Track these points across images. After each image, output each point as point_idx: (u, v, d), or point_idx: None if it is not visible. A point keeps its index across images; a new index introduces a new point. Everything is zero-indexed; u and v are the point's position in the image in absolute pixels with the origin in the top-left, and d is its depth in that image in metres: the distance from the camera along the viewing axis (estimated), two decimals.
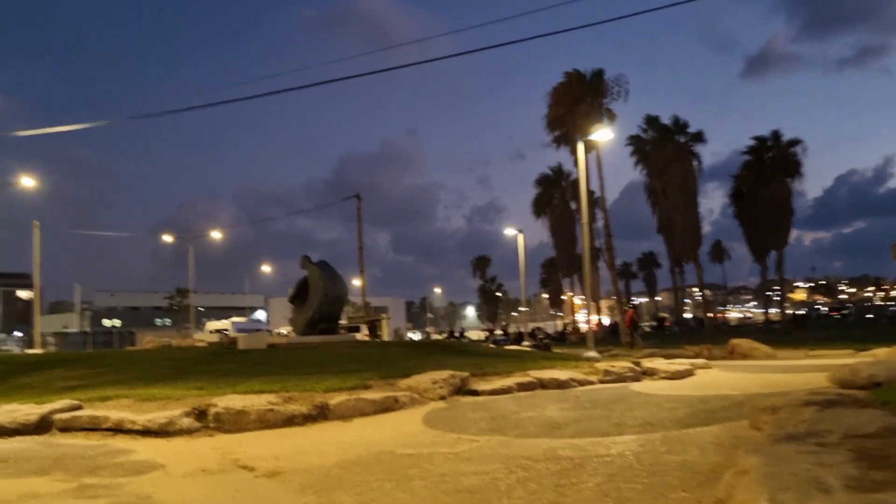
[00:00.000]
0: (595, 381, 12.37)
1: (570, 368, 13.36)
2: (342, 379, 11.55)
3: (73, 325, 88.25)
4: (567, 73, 38.03)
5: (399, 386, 11.29)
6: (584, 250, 16.65)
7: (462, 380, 11.57)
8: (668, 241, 51.43)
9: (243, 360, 15.41)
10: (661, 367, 13.10)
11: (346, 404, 9.69)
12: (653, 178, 48.63)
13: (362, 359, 15.49)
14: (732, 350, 20.89)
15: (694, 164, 40.70)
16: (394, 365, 14.02)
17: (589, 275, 16.74)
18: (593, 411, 8.88)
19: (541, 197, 53.63)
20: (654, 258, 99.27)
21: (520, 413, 9.05)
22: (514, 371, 12.85)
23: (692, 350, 22.95)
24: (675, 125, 40.81)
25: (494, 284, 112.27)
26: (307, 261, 21.37)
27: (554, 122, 40.32)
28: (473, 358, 16.01)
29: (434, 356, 16.45)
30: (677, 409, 8.58)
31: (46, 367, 15.70)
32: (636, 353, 24.74)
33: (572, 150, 41.64)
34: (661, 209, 49.35)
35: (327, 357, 15.86)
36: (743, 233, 51.08)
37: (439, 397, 10.79)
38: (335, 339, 20.63)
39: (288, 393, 10.22)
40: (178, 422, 8.78)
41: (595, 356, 15.40)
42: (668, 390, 10.81)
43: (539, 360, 15.42)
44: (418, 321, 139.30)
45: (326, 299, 20.49)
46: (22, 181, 43.04)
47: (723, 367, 15.24)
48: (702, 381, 12.40)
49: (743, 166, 47.30)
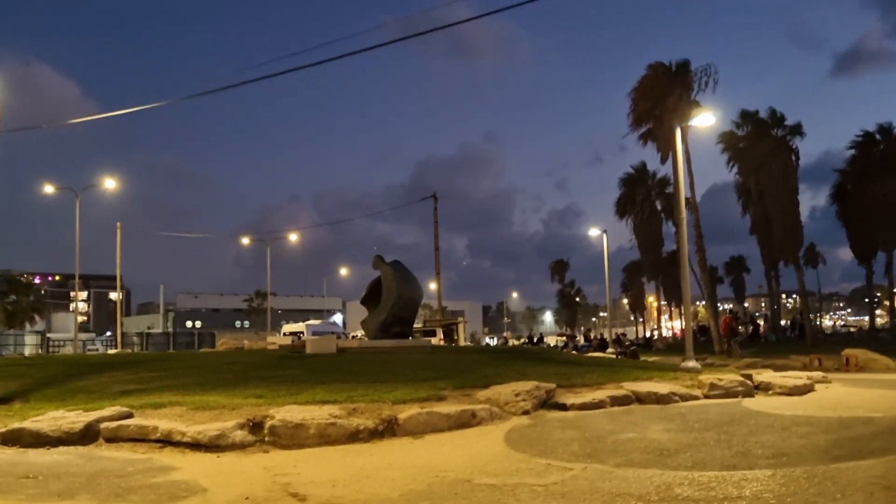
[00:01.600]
0: (699, 395, 10.98)
1: (669, 380, 11.97)
2: (414, 388, 10.55)
3: (157, 326, 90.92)
4: (651, 65, 36.12)
5: (477, 398, 10.20)
6: (681, 246, 15.21)
7: (548, 392, 10.39)
8: (762, 243, 48.71)
9: (309, 365, 14.61)
10: (775, 382, 11.57)
11: (418, 419, 8.65)
12: (746, 175, 46.10)
13: (437, 366, 14.48)
14: (847, 361, 18.95)
15: (792, 159, 38.16)
16: (470, 373, 12.96)
17: (686, 274, 15.26)
18: (706, 434, 7.57)
19: (624, 197, 51.66)
20: (743, 262, 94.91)
21: (618, 434, 7.82)
22: (606, 382, 11.57)
23: (799, 360, 21.07)
24: (773, 118, 38.34)
25: (573, 289, 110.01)
26: (380, 261, 20.54)
27: (639, 118, 38.44)
28: (557, 366, 14.78)
29: (514, 364, 15.31)
30: (813, 436, 7.18)
31: (111, 368, 15.30)
32: (733, 361, 22.96)
33: (658, 148, 39.75)
34: (756, 209, 46.76)
35: (399, 363, 14.91)
36: (846, 234, 47.94)
37: (522, 412, 9.64)
38: (408, 343, 19.72)
39: (353, 404, 9.26)
40: (231, 435, 7.93)
41: (695, 366, 13.94)
42: (791, 409, 9.35)
43: (631, 369, 14.06)
44: (495, 326, 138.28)
45: (400, 301, 19.60)
46: (105, 183, 44.22)
47: (844, 382, 13.53)
48: (827, 398, 10.83)
49: (848, 162, 44.34)
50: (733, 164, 46.52)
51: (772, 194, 38.50)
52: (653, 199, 51.68)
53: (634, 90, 36.81)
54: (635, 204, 50.62)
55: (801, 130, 38.06)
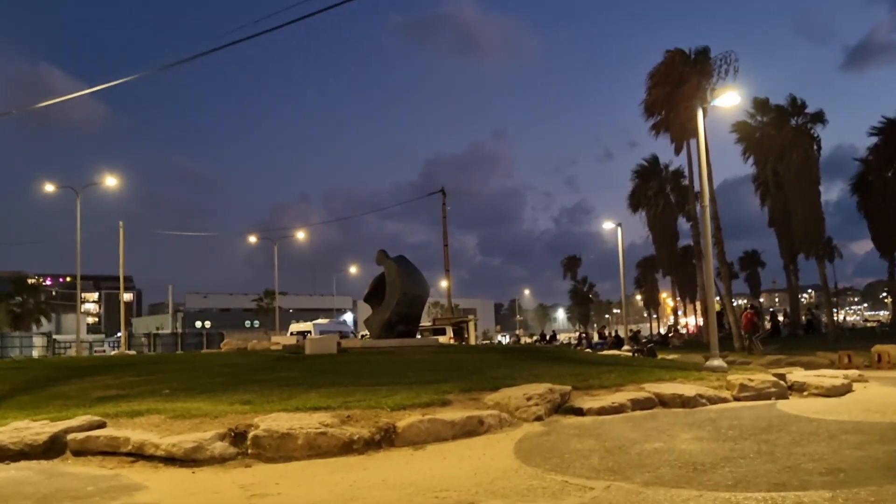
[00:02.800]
0: (729, 397, 10.11)
1: (694, 381, 11.11)
2: (416, 392, 9.74)
3: (167, 327, 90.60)
4: (668, 51, 35.05)
5: (485, 402, 9.38)
6: (705, 234, 14.30)
7: (562, 395, 9.56)
8: (780, 236, 47.53)
9: (307, 367, 13.82)
10: (810, 382, 10.67)
11: (418, 427, 7.85)
12: (763, 166, 44.94)
13: (443, 366, 13.67)
14: (879, 358, 18.00)
15: (814, 148, 36.97)
16: (479, 374, 12.14)
17: (710, 265, 14.37)
18: (744, 444, 6.71)
19: (637, 190, 50.47)
20: (758, 257, 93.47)
21: (643, 444, 6.98)
22: (625, 384, 10.72)
23: (826, 357, 20.13)
24: (793, 106, 37.14)
25: (586, 285, 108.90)
26: (384, 256, 19.68)
27: (653, 106, 37.42)
28: (572, 366, 13.93)
29: (526, 364, 14.47)
30: (868, 446, 6.31)
31: (99, 372, 14.55)
32: (756, 359, 22.03)
33: (673, 138, 38.72)
34: (774, 201, 45.57)
35: (403, 364, 14.10)
36: (868, 226, 46.60)
37: (534, 417, 8.82)
38: (414, 342, 18.89)
39: (347, 411, 8.45)
40: (209, 447, 7.15)
41: (721, 365, 13.04)
42: (834, 413, 8.46)
43: (651, 369, 13.19)
44: (507, 324, 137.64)
45: (405, 298, 18.74)
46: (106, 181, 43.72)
47: (882, 381, 12.62)
48: (870, 399, 9.94)
49: (870, 150, 43.02)
50: (749, 154, 45.34)
51: (792, 185, 37.33)
52: (667, 192, 50.49)
53: (650, 76, 35.82)
54: (648, 197, 49.41)
55: (824, 118, 36.86)
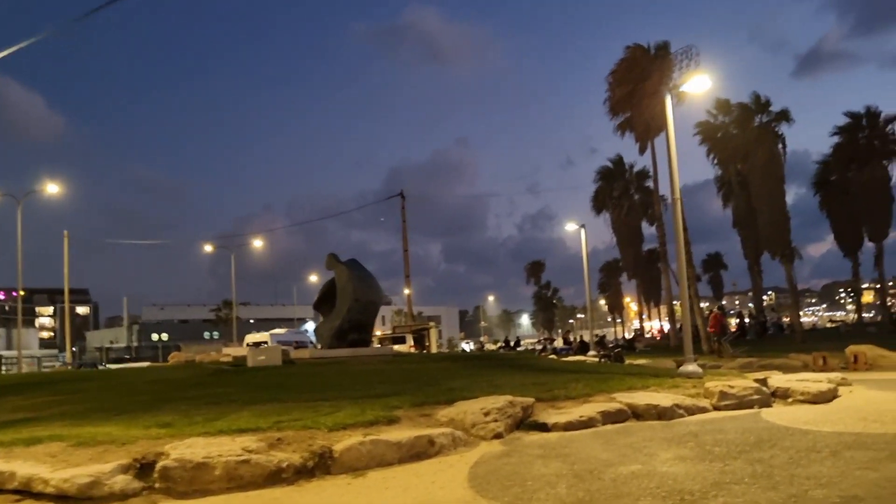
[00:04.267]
0: (708, 407, 9.24)
1: (669, 389, 10.24)
2: (361, 408, 8.71)
3: (122, 340, 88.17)
4: (629, 47, 34.67)
5: (437, 418, 8.39)
6: (676, 227, 13.51)
7: (524, 408, 8.60)
8: (744, 237, 47.49)
9: (247, 381, 12.69)
10: (794, 387, 9.87)
11: (359, 450, 6.83)
12: (727, 167, 44.84)
13: (396, 377, 12.65)
14: (855, 359, 17.43)
15: (779, 146, 36.76)
16: (434, 386, 11.15)
17: (682, 261, 13.59)
18: (735, 465, 5.81)
19: (601, 191, 50.02)
20: (721, 259, 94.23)
21: (617, 466, 6.04)
22: (594, 394, 9.81)
23: (799, 359, 19.59)
24: (756, 104, 36.90)
25: (550, 290, 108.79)
26: (334, 260, 18.53)
27: (617, 105, 37.01)
28: (535, 374, 13.01)
29: (486, 373, 13.52)
30: (879, 465, 5.45)
31: (12, 392, 13.24)
32: (726, 362, 21.45)
33: (637, 137, 38.38)
34: (738, 201, 45.50)
35: (352, 376, 13.06)
36: (831, 225, 46.83)
37: (493, 435, 7.85)
38: (368, 352, 17.78)
39: (279, 432, 7.38)
40: (108, 482, 6.03)
41: (696, 371, 12.23)
42: (828, 424, 7.63)
43: (621, 376, 12.31)
44: (472, 331, 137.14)
45: (357, 305, 17.64)
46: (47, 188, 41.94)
47: (866, 384, 11.91)
48: (860, 406, 9.15)
49: (833, 150, 43.13)
50: (713, 154, 45.21)
51: (757, 184, 37.08)
52: (631, 194, 50.19)
53: (612, 73, 35.39)
54: (613, 199, 49.02)
55: (789, 116, 36.68)
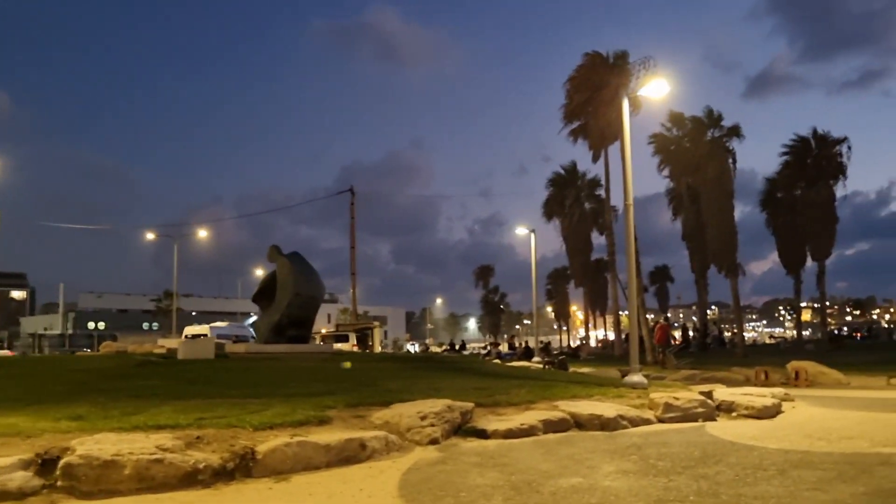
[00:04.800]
0: (652, 419, 9.02)
1: (613, 399, 10.01)
2: (292, 407, 8.26)
3: (57, 327, 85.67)
4: (587, 54, 34.80)
5: (372, 420, 7.98)
6: (628, 233, 13.30)
7: (463, 413, 8.25)
8: (692, 250, 48.12)
9: (175, 374, 12.06)
10: (739, 401, 9.73)
11: (284, 452, 6.38)
12: (679, 179, 45.36)
13: (332, 377, 12.20)
14: (797, 375, 17.54)
15: (729, 161, 37.29)
16: (371, 387, 10.74)
17: (633, 267, 13.43)
18: (679, 480, 5.54)
19: (553, 198, 50.18)
20: (667, 271, 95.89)
21: (557, 479, 5.72)
22: (537, 401, 9.51)
23: (741, 373, 19.70)
24: (709, 118, 37.41)
25: (497, 295, 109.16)
26: (276, 252, 17.93)
27: (573, 111, 37.08)
28: (478, 379, 12.70)
29: (427, 375, 13.15)
30: (829, 485, 5.23)
31: None
32: (669, 373, 21.48)
33: (591, 145, 38.52)
34: (688, 214, 46.07)
35: (287, 372, 12.56)
36: (776, 243, 47.75)
37: (429, 440, 7.48)
38: (307, 349, 17.24)
39: (200, 430, 6.89)
40: (4, 478, 5.49)
41: (641, 381, 12.04)
42: (773, 440, 7.45)
43: (565, 384, 12.07)
44: (418, 332, 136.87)
45: (297, 299, 17.08)
46: None
47: (808, 400, 11.88)
48: (805, 423, 9.03)
49: (781, 168, 43.99)
50: (665, 166, 45.71)
51: (707, 198, 37.58)
52: (582, 202, 50.47)
53: (570, 80, 35.40)
54: (564, 206, 49.20)
55: (740, 132, 37.30)
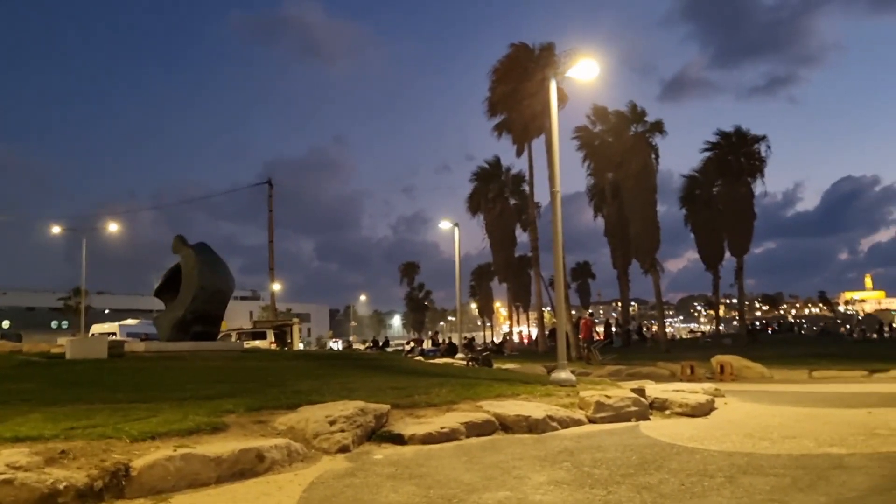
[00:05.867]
0: (583, 419, 8.41)
1: (541, 397, 9.38)
2: (184, 412, 7.31)
3: None
4: (513, 44, 34.25)
5: (275, 426, 7.11)
6: (555, 226, 12.71)
7: (378, 417, 7.46)
8: (614, 246, 48.44)
9: (57, 376, 10.84)
10: (673, 398, 9.24)
11: (165, 468, 5.47)
12: (602, 175, 45.58)
13: (238, 377, 11.21)
14: (722, 369, 17.41)
15: (652, 157, 37.50)
16: (280, 387, 9.83)
17: (560, 258, 12.85)
18: (618, 492, 4.89)
19: (477, 192, 49.68)
20: (589, 268, 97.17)
21: (482, 493, 5.01)
22: (459, 401, 8.79)
23: (667, 368, 19.50)
24: (633, 113, 37.52)
25: (422, 292, 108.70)
26: (181, 243, 16.66)
27: (497, 104, 36.55)
28: (397, 377, 11.92)
29: (343, 374, 12.30)
30: (784, 494, 4.66)
31: None
32: (595, 369, 21.17)
33: (515, 139, 38.18)
34: (610, 210, 46.33)
35: (187, 373, 11.49)
36: (696, 239, 48.56)
37: (338, 448, 6.66)
38: (214, 346, 16.05)
39: (66, 443, 5.89)
40: None
41: (570, 378, 11.47)
42: (714, 441, 6.92)
43: (490, 382, 11.40)
44: (342, 329, 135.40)
45: (203, 293, 15.90)
46: None
47: (738, 395, 11.55)
48: (741, 419, 8.59)
49: (703, 164, 44.66)
50: (588, 162, 45.88)
51: (630, 193, 37.69)
52: (506, 197, 50.13)
53: (494, 71, 34.89)
54: (488, 200, 48.74)
55: (663, 128, 37.50)
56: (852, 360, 21.32)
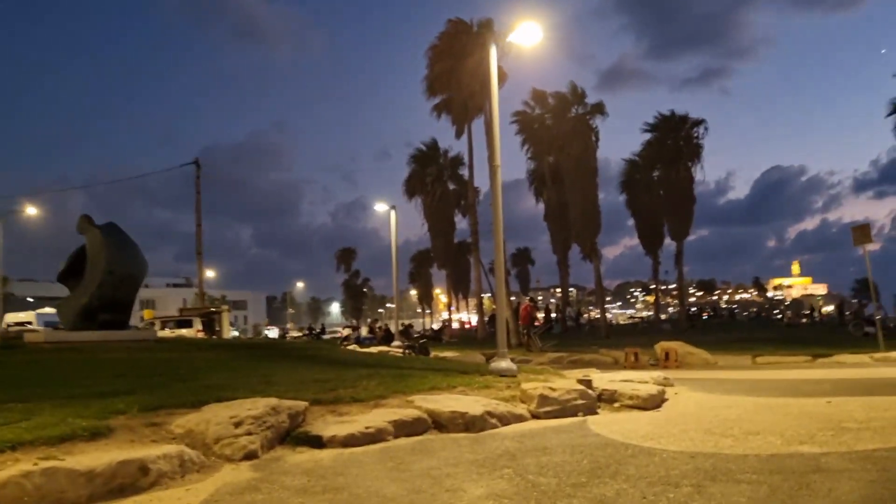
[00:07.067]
0: (526, 414, 7.65)
1: (479, 390, 8.58)
2: (64, 414, 6.26)
3: None
4: (451, 20, 33.33)
5: (171, 429, 6.13)
6: (495, 204, 11.91)
7: (293, 416, 6.54)
8: (554, 231, 48.15)
9: None
10: (622, 390, 8.54)
11: (20, 487, 4.51)
12: (542, 159, 45.20)
13: (146, 370, 10.13)
14: (667, 356, 16.97)
15: (592, 139, 37.12)
16: (189, 381, 8.83)
17: (500, 240, 12.06)
18: None
19: (414, 175, 48.59)
20: (529, 254, 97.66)
21: None
22: (389, 395, 7.92)
23: (610, 355, 19.04)
24: (574, 94, 37.04)
25: (360, 279, 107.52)
26: (87, 222, 15.29)
27: (435, 82, 35.66)
28: (323, 369, 11.00)
29: (263, 365, 11.33)
30: None
31: None
32: (535, 356, 20.59)
33: (454, 120, 37.43)
34: (550, 194, 45.94)
35: (85, 366, 10.35)
36: (635, 224, 48.57)
37: (244, 455, 5.74)
38: (123, 336, 14.79)
39: None
40: None
41: (510, 368, 10.71)
42: (672, 439, 6.22)
43: (424, 372, 10.57)
44: (279, 317, 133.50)
45: (111, 278, 14.61)
46: None
47: (687, 384, 10.99)
48: (696, 412, 7.95)
49: (643, 147, 44.55)
50: (528, 146, 45.47)
51: (571, 176, 37.27)
52: (445, 180, 49.21)
53: (432, 48, 33.99)
54: (426, 184, 47.72)
55: (604, 110, 37.17)
56: (792, 344, 21.37)
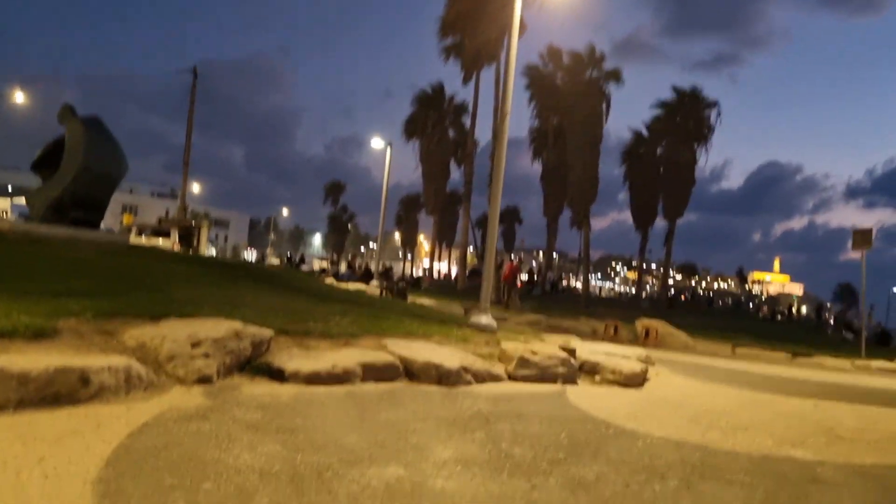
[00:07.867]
0: (503, 375, 7.27)
1: (457, 342, 8.20)
2: (8, 309, 5.79)
3: None
4: None
5: (123, 340, 5.68)
6: (499, 151, 11.39)
7: (256, 344, 6.11)
8: (548, 193, 47.63)
9: None
10: (605, 364, 8.16)
11: None
12: (547, 118, 44.41)
13: (110, 275, 9.67)
14: (647, 334, 16.70)
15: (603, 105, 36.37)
16: (154, 292, 8.37)
17: (499, 188, 11.57)
18: (546, 486, 3.74)
19: (416, 116, 47.77)
20: (518, 213, 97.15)
21: (366, 465, 3.77)
22: (361, 334, 7.52)
23: (589, 325, 18.78)
24: (591, 56, 36.13)
25: (346, 214, 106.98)
26: (69, 112, 14.55)
27: (451, 23, 34.70)
28: (298, 298, 10.59)
29: (236, 287, 10.90)
30: None
31: None
32: (513, 315, 20.32)
33: (463, 65, 36.58)
34: (549, 155, 45.34)
35: (48, 263, 9.86)
36: (630, 198, 48.09)
37: (198, 378, 5.32)
38: (94, 236, 14.25)
39: None
40: None
41: (490, 324, 10.36)
42: (653, 422, 5.86)
43: (401, 315, 10.18)
44: (261, 241, 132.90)
45: (87, 175, 13.95)
46: None
47: (668, 366, 10.65)
48: (681, 398, 7.61)
49: (652, 122, 43.84)
50: (535, 102, 44.64)
51: (575, 140, 36.57)
52: (446, 126, 48.46)
53: None
54: (426, 127, 46.95)
55: (620, 76, 36.31)
56: (770, 339, 21.34)
